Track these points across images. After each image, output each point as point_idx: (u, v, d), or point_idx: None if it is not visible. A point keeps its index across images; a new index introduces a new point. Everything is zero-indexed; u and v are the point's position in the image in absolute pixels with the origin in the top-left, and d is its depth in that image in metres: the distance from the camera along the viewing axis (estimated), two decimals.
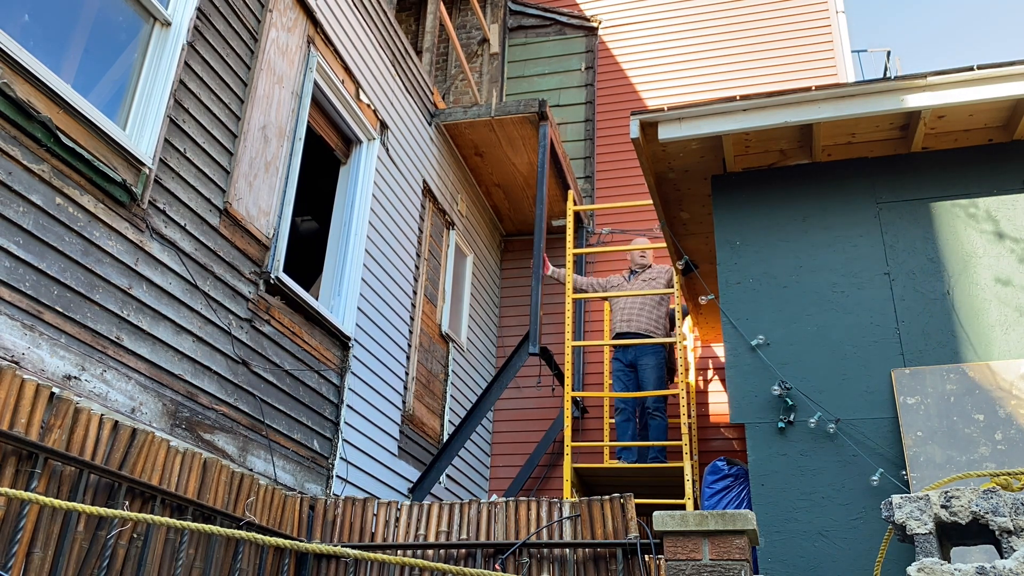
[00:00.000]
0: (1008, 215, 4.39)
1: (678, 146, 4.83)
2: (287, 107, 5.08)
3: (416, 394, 6.54)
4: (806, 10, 9.45)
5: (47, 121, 3.30)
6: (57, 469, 2.89)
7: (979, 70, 4.20)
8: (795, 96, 4.48)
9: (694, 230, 5.73)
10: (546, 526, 3.74)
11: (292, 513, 4.05)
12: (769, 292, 4.60)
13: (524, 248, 9.08)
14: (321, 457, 5.10)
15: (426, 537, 3.90)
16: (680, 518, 2.95)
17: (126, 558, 3.12)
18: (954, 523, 2.31)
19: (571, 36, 10.03)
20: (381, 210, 6.20)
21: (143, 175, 3.82)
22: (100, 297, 3.52)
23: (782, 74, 9.08)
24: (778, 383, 4.32)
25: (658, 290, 6.91)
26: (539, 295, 6.40)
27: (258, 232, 4.68)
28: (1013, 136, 4.50)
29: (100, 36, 3.99)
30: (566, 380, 6.54)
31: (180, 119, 4.12)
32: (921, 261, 4.43)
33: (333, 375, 5.34)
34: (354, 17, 6.02)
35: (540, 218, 6.84)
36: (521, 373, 7.52)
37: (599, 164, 9.31)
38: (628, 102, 9.48)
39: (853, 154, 4.78)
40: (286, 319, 4.88)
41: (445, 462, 6.09)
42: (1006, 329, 4.16)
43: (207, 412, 4.12)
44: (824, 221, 4.67)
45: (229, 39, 4.57)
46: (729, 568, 2.83)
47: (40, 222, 3.26)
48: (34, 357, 3.15)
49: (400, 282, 6.44)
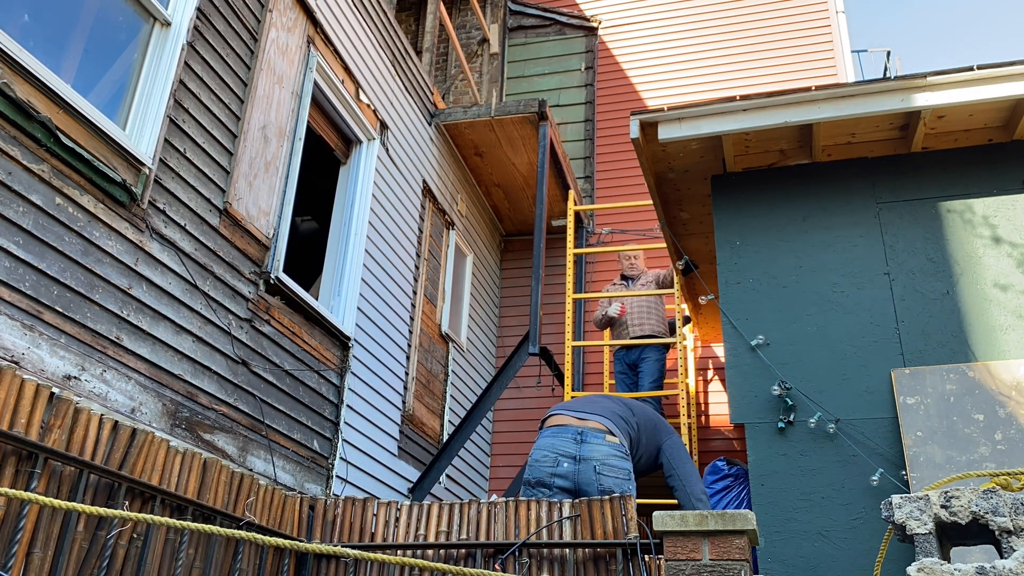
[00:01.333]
0: (1008, 215, 4.39)
1: (678, 146, 4.83)
2: (287, 107, 5.08)
3: (416, 394, 6.54)
4: (806, 10, 9.45)
5: (47, 121, 3.30)
6: (57, 469, 2.89)
7: (979, 70, 4.20)
8: (795, 96, 4.48)
9: (694, 230, 5.73)
10: (546, 526, 3.74)
11: (292, 513, 4.05)
12: (769, 292, 4.60)
13: (524, 248, 9.08)
14: (321, 457, 5.10)
15: (426, 537, 3.90)
16: (680, 518, 2.95)
17: (126, 558, 3.12)
18: (954, 523, 2.31)
19: (571, 36, 10.03)
20: (381, 210, 6.20)
21: (143, 175, 3.82)
22: (100, 297, 3.52)
23: (782, 74, 9.08)
24: (778, 383, 4.32)
25: (657, 291, 6.92)
26: (539, 295, 6.40)
27: (258, 232, 4.68)
28: (1013, 136, 4.50)
29: (100, 36, 3.99)
30: (566, 380, 6.54)
31: (180, 119, 4.12)
32: (921, 261, 4.43)
33: (333, 375, 5.34)
34: (354, 17, 6.02)
35: (540, 218, 6.84)
36: (521, 373, 7.52)
37: (599, 164, 9.31)
38: (628, 102, 9.48)
39: (853, 154, 4.78)
40: (286, 319, 4.88)
41: (445, 462, 6.09)
42: (1006, 330, 4.16)
43: (207, 412, 4.12)
44: (824, 221, 4.68)
45: (229, 39, 4.57)
46: (729, 568, 2.83)
47: (40, 222, 3.26)
48: (34, 357, 3.15)
49: (400, 282, 6.44)
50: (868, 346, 4.31)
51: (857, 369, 4.28)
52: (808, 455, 4.19)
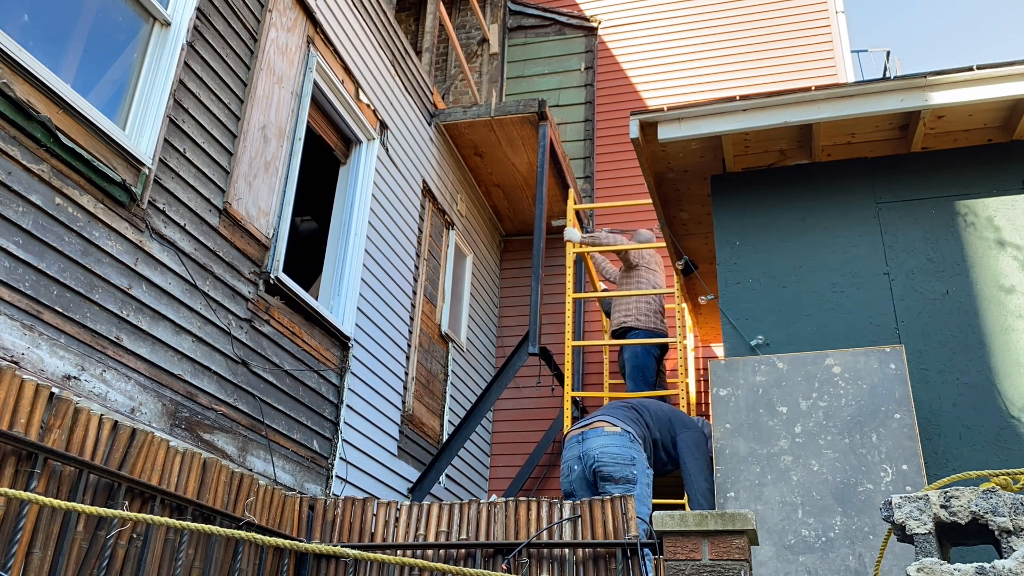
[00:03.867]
0: (1008, 215, 4.39)
1: (678, 146, 4.83)
2: (287, 107, 5.08)
3: (416, 394, 6.54)
4: (806, 10, 9.45)
5: (47, 121, 3.30)
6: (57, 469, 2.88)
7: (979, 70, 4.20)
8: (795, 96, 4.48)
9: (694, 230, 5.73)
10: (546, 528, 3.74)
11: (292, 513, 4.05)
12: (769, 292, 4.60)
13: (524, 248, 9.07)
14: (321, 457, 5.10)
15: (426, 537, 3.90)
16: (680, 518, 2.95)
17: (126, 558, 3.12)
18: (953, 523, 2.31)
19: (571, 36, 10.03)
20: (381, 210, 6.20)
21: (143, 175, 3.82)
22: (100, 297, 3.51)
23: (782, 74, 9.08)
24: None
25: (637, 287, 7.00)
26: (539, 295, 6.40)
27: (258, 232, 4.68)
28: (1012, 136, 4.50)
29: (100, 36, 3.99)
30: (566, 380, 6.54)
31: (180, 119, 4.12)
32: (920, 261, 4.43)
33: (333, 375, 5.34)
34: (354, 17, 6.02)
35: (540, 218, 6.84)
36: (521, 373, 7.52)
37: (599, 164, 9.31)
38: (628, 102, 9.48)
39: (853, 154, 4.78)
40: (286, 319, 4.88)
41: (445, 462, 6.09)
42: (1006, 330, 4.16)
43: (207, 412, 4.12)
44: (824, 221, 4.68)
45: (229, 39, 4.57)
46: (729, 568, 2.84)
47: (40, 222, 3.26)
48: (34, 357, 3.15)
49: (400, 282, 6.44)
50: (868, 346, 4.31)
51: None
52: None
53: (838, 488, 3.78)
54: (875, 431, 3.86)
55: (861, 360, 4.05)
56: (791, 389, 4.06)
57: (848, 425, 3.91)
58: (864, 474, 3.78)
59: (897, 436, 3.82)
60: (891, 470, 3.77)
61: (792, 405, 4.02)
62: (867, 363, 4.03)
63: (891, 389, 3.94)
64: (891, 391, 3.93)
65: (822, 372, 4.06)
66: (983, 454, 3.93)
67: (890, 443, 3.82)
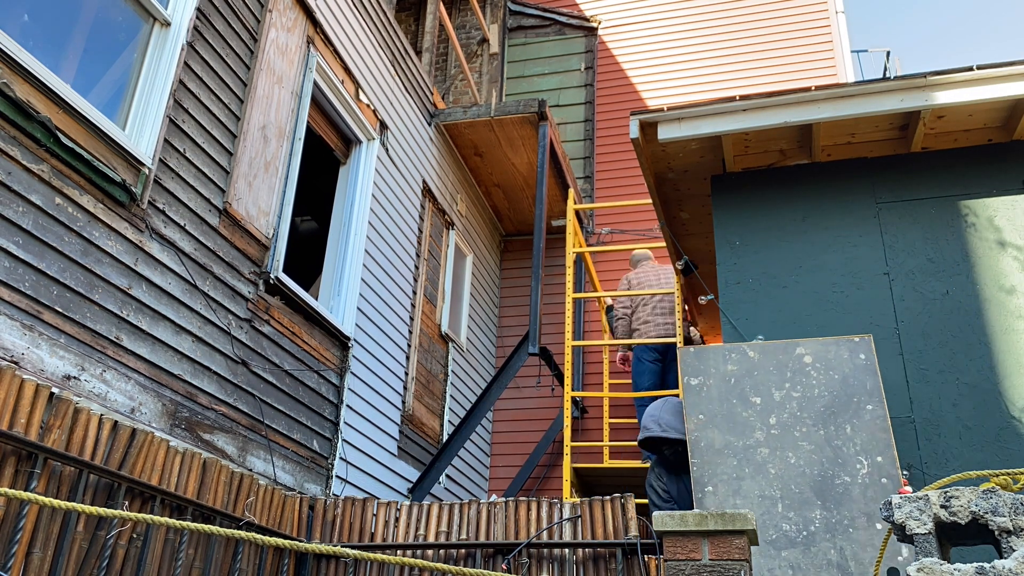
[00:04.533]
0: (1008, 215, 4.39)
1: (678, 146, 4.83)
2: (287, 107, 5.08)
3: (416, 394, 6.54)
4: (806, 10, 9.45)
5: (47, 121, 3.30)
6: (57, 469, 2.88)
7: (979, 70, 4.20)
8: (795, 96, 4.48)
9: (694, 230, 5.73)
10: (546, 528, 3.74)
11: (292, 513, 4.05)
12: (769, 292, 4.60)
13: (524, 248, 9.07)
14: (321, 457, 5.10)
15: (426, 537, 3.90)
16: (680, 518, 2.95)
17: (125, 558, 3.12)
18: (953, 523, 2.31)
19: (571, 36, 10.03)
20: (381, 210, 6.20)
21: (143, 175, 3.82)
22: (100, 297, 3.51)
23: (782, 74, 9.08)
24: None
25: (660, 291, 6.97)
26: (539, 295, 6.40)
27: (258, 232, 4.68)
28: (1012, 136, 4.50)
29: (100, 36, 3.99)
30: (566, 380, 6.54)
31: (180, 119, 4.12)
32: (920, 261, 4.43)
33: (333, 375, 5.34)
34: (354, 17, 6.02)
35: (540, 218, 6.84)
36: (521, 373, 7.52)
37: (599, 164, 9.31)
38: (628, 102, 9.48)
39: (853, 154, 4.78)
40: (286, 319, 4.88)
41: (445, 462, 6.09)
42: (1006, 331, 4.16)
43: (207, 412, 4.12)
44: (824, 221, 4.67)
45: (229, 39, 4.57)
46: (729, 568, 2.83)
47: (40, 222, 3.26)
48: (34, 357, 3.15)
49: (400, 282, 6.44)
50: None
51: None
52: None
53: (816, 481, 3.75)
54: (849, 422, 3.82)
55: (832, 350, 3.99)
56: (764, 378, 4.01)
57: (823, 416, 3.86)
58: (840, 466, 3.75)
59: (870, 428, 3.78)
60: (866, 462, 3.73)
61: (766, 395, 3.97)
62: (837, 353, 3.97)
63: (862, 380, 3.88)
64: (862, 382, 3.88)
65: (794, 361, 4.01)
66: (983, 454, 3.93)
67: (864, 435, 3.77)
